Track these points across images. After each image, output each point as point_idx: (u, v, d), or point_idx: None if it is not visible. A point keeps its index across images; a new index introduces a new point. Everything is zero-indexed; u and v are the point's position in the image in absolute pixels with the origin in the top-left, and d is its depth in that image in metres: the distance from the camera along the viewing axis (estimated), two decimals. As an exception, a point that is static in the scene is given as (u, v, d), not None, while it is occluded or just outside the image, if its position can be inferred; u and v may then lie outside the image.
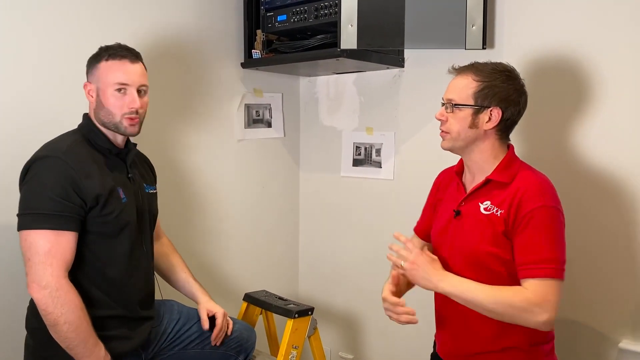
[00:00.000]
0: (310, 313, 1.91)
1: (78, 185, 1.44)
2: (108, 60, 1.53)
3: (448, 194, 1.61)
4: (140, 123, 1.59)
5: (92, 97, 1.56)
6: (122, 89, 1.53)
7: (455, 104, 1.46)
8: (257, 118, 2.51)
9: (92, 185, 1.46)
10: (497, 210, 1.43)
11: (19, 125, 1.79)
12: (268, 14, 2.29)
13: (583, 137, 1.84)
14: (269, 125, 2.56)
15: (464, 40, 1.97)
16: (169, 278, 1.86)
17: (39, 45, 1.85)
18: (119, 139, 1.60)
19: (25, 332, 1.56)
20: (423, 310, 2.29)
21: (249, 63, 2.36)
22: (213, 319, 1.75)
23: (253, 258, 2.54)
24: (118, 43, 1.59)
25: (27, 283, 1.42)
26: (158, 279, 1.80)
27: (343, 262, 2.58)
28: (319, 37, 2.16)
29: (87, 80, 1.59)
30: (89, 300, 1.47)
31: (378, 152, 2.41)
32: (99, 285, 1.52)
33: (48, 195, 1.41)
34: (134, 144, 1.69)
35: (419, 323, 2.36)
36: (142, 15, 2.09)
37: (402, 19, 2.00)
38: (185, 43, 2.23)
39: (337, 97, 2.55)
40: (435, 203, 1.67)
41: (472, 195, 1.50)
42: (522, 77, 1.50)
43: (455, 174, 1.58)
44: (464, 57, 2.08)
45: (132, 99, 1.54)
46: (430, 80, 2.21)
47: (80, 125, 1.61)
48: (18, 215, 1.45)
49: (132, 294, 1.57)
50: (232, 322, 1.80)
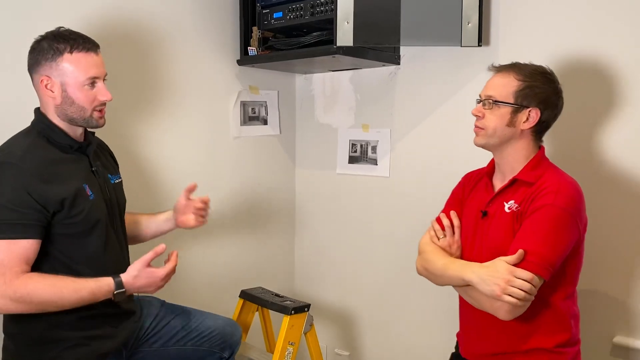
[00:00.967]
0: (307, 309, 1.92)
1: (36, 192, 1.36)
2: (73, 53, 1.43)
3: (473, 196, 1.60)
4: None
5: (52, 92, 1.44)
6: (92, 82, 1.46)
7: (496, 101, 1.46)
8: (253, 115, 2.51)
9: (54, 190, 1.39)
10: (517, 208, 1.44)
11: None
12: (264, 11, 2.29)
13: (581, 135, 1.85)
14: (265, 123, 2.56)
15: (460, 38, 1.98)
16: (140, 233, 1.79)
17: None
18: (78, 133, 1.52)
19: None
20: (422, 308, 2.31)
21: (245, 60, 2.36)
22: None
23: (249, 255, 2.54)
24: (66, 29, 1.47)
25: None
26: None
27: (339, 258, 2.58)
28: (315, 34, 2.16)
29: (41, 74, 1.44)
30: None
31: (374, 149, 2.42)
32: None
33: (2, 204, 1.35)
34: (92, 133, 1.60)
35: (414, 320, 2.38)
36: (137, 12, 2.08)
37: (398, 16, 2.01)
38: (181, 40, 2.23)
39: (333, 94, 2.55)
40: (462, 200, 1.65)
41: (499, 195, 1.50)
42: None
43: (486, 175, 1.59)
44: (460, 54, 2.10)
45: (104, 92, 1.48)
46: (426, 78, 2.22)
47: (34, 123, 1.50)
48: None
49: None
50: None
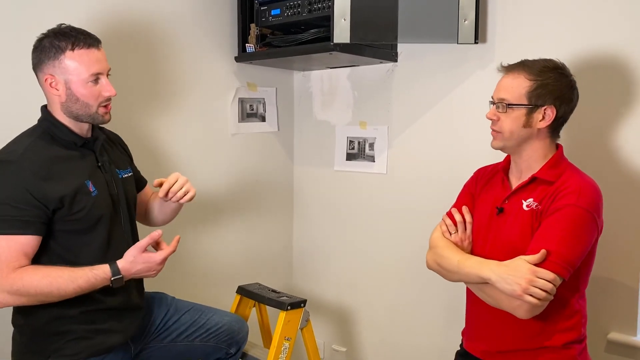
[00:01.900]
0: (303, 305, 1.92)
1: (36, 189, 1.38)
2: (74, 50, 1.43)
3: (487, 191, 1.59)
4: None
5: (57, 90, 1.46)
6: (96, 79, 1.47)
7: (509, 104, 1.44)
8: (251, 112, 2.52)
9: (53, 188, 1.40)
10: (536, 206, 1.43)
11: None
12: (262, 8, 2.29)
13: (585, 132, 1.85)
14: (263, 120, 2.57)
15: (457, 35, 1.98)
16: (158, 214, 1.79)
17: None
18: (85, 129, 1.53)
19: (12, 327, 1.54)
20: (419, 305, 2.32)
21: (243, 57, 2.36)
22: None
23: (247, 251, 2.55)
24: (67, 26, 1.48)
25: None
26: None
27: (337, 255, 2.59)
28: (312, 31, 2.16)
29: (45, 73, 1.46)
30: (72, 297, 1.43)
31: (371, 146, 2.42)
32: None
33: (2, 201, 1.37)
34: (101, 129, 1.62)
35: (411, 317, 2.39)
36: (135, 8, 2.09)
37: (395, 14, 2.01)
38: (179, 37, 2.23)
39: (330, 91, 2.56)
40: (474, 195, 1.64)
41: (516, 193, 1.49)
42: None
43: (502, 170, 1.57)
44: (457, 51, 2.11)
45: (108, 87, 1.49)
46: (424, 75, 2.23)
47: (40, 121, 1.52)
48: None
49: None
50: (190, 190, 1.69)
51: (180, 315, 1.75)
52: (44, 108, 1.54)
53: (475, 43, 1.99)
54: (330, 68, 2.52)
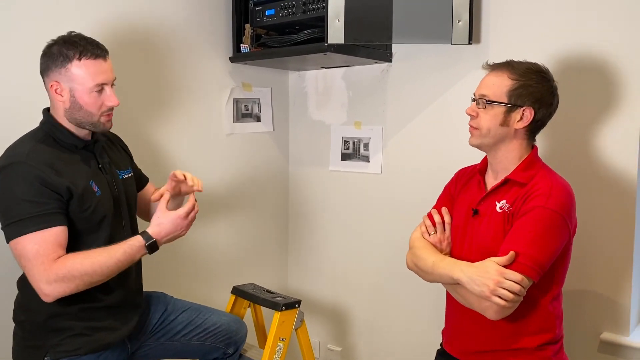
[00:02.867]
0: (297, 306, 1.93)
1: (49, 182, 1.42)
2: (82, 59, 1.46)
3: (465, 193, 1.60)
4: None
5: (61, 97, 1.49)
6: (100, 89, 1.50)
7: (489, 101, 1.45)
8: (246, 112, 2.52)
9: (62, 181, 1.44)
10: (508, 208, 1.44)
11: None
12: (256, 8, 2.29)
13: (572, 134, 1.86)
14: (258, 120, 2.57)
15: (451, 36, 1.98)
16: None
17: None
18: (84, 132, 1.56)
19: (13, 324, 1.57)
20: (414, 305, 2.33)
21: (238, 57, 2.36)
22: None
23: (241, 251, 2.55)
24: (77, 34, 1.51)
25: (36, 289, 1.42)
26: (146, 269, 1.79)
27: (332, 255, 2.60)
28: (307, 31, 2.16)
29: (51, 79, 1.49)
30: (74, 294, 1.46)
31: (366, 146, 2.43)
32: None
33: (21, 200, 1.40)
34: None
35: (406, 316, 2.40)
36: (129, 9, 2.09)
37: (389, 14, 2.02)
38: (174, 37, 2.23)
39: (325, 91, 2.56)
40: (453, 197, 1.65)
41: (490, 194, 1.50)
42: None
43: (478, 172, 1.58)
44: (450, 52, 2.11)
45: (111, 97, 1.51)
46: (418, 75, 2.23)
47: (42, 123, 1.55)
48: (2, 229, 1.44)
49: (116, 283, 1.56)
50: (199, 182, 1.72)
51: (178, 315, 1.77)
52: (46, 111, 1.56)
53: (469, 44, 1.99)
54: (325, 68, 2.52)
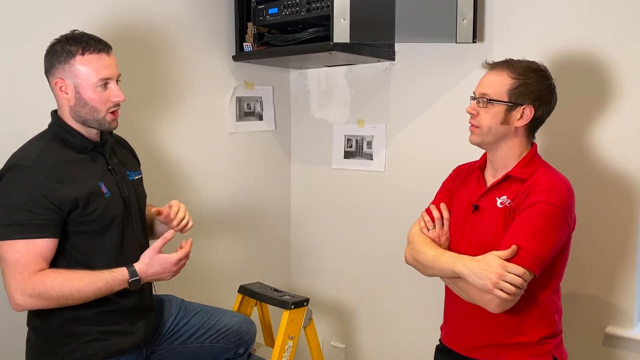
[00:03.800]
0: (306, 304, 1.94)
1: (50, 192, 1.40)
2: (85, 55, 1.46)
3: (464, 189, 1.61)
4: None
5: (66, 94, 1.48)
6: (104, 84, 1.49)
7: (490, 99, 1.47)
8: (248, 111, 2.52)
9: (67, 190, 1.42)
10: (509, 203, 1.46)
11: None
12: (259, 7, 2.29)
13: (572, 131, 1.89)
14: (260, 118, 2.57)
15: (455, 34, 2.00)
16: (157, 229, 1.79)
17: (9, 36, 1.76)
18: (93, 133, 1.55)
19: (27, 328, 1.56)
20: (417, 301, 2.34)
21: (241, 56, 2.36)
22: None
23: (245, 250, 2.56)
24: (80, 32, 1.50)
25: (8, 296, 1.40)
26: None
27: (334, 253, 2.61)
28: (311, 30, 2.16)
29: (55, 76, 1.48)
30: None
31: (369, 144, 2.44)
32: None
33: (17, 206, 1.38)
34: (109, 133, 1.63)
35: (410, 313, 2.41)
36: (132, 7, 2.08)
37: (393, 13, 2.03)
38: (177, 36, 2.23)
39: (328, 90, 2.57)
40: (452, 193, 1.67)
41: (491, 190, 1.52)
42: None
43: (478, 169, 1.60)
44: (454, 50, 2.12)
45: (116, 93, 1.50)
46: (421, 74, 2.24)
47: (50, 125, 1.54)
48: None
49: None
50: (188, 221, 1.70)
51: (190, 318, 1.77)
52: (54, 113, 1.55)
53: (474, 42, 2.01)
54: (327, 67, 2.52)
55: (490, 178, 1.56)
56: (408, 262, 1.62)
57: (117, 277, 1.46)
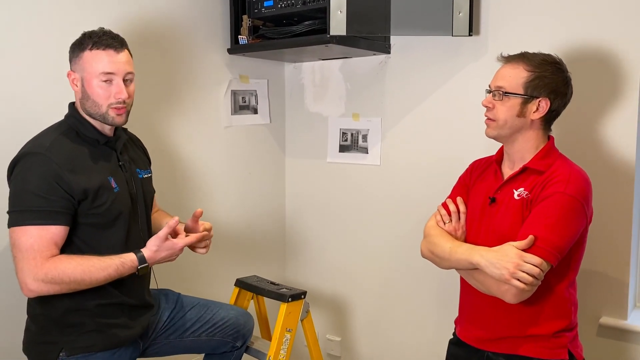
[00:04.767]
0: (303, 297, 1.94)
1: (63, 179, 1.42)
2: (92, 49, 1.49)
3: (481, 182, 1.62)
4: (127, 112, 1.57)
5: (76, 86, 1.53)
6: (108, 79, 1.50)
7: (506, 92, 1.47)
8: (243, 104, 2.51)
9: (77, 180, 1.44)
10: (527, 195, 1.46)
11: (7, 119, 1.75)
12: (254, 0, 2.28)
13: (578, 124, 1.90)
14: (255, 112, 2.56)
15: (451, 27, 2.00)
16: (156, 228, 1.78)
17: (20, 33, 1.79)
18: (107, 128, 1.57)
19: (25, 321, 1.56)
20: (412, 295, 2.36)
21: (236, 49, 2.35)
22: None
23: (240, 244, 2.55)
24: (102, 29, 1.54)
25: (20, 282, 1.41)
26: (154, 267, 1.79)
27: (330, 246, 2.61)
28: (307, 23, 2.16)
29: (70, 69, 1.54)
30: (88, 290, 1.46)
31: (364, 138, 2.44)
32: None
33: (31, 192, 1.41)
34: (124, 129, 1.67)
35: (405, 306, 2.42)
36: (126, 1, 2.06)
37: (389, 5, 2.03)
38: (171, 29, 2.21)
39: (322, 83, 2.56)
40: (468, 187, 1.67)
41: (508, 183, 1.52)
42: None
43: (495, 162, 1.60)
44: (449, 43, 2.13)
45: (119, 89, 1.51)
46: (417, 67, 2.25)
47: (67, 116, 1.57)
48: (7, 213, 1.45)
49: (130, 281, 1.56)
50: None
51: (187, 311, 1.77)
52: (72, 105, 1.58)
53: (470, 35, 2.01)
54: (322, 60, 2.52)
55: (508, 171, 1.56)
56: (424, 255, 1.62)
57: (126, 263, 1.48)
